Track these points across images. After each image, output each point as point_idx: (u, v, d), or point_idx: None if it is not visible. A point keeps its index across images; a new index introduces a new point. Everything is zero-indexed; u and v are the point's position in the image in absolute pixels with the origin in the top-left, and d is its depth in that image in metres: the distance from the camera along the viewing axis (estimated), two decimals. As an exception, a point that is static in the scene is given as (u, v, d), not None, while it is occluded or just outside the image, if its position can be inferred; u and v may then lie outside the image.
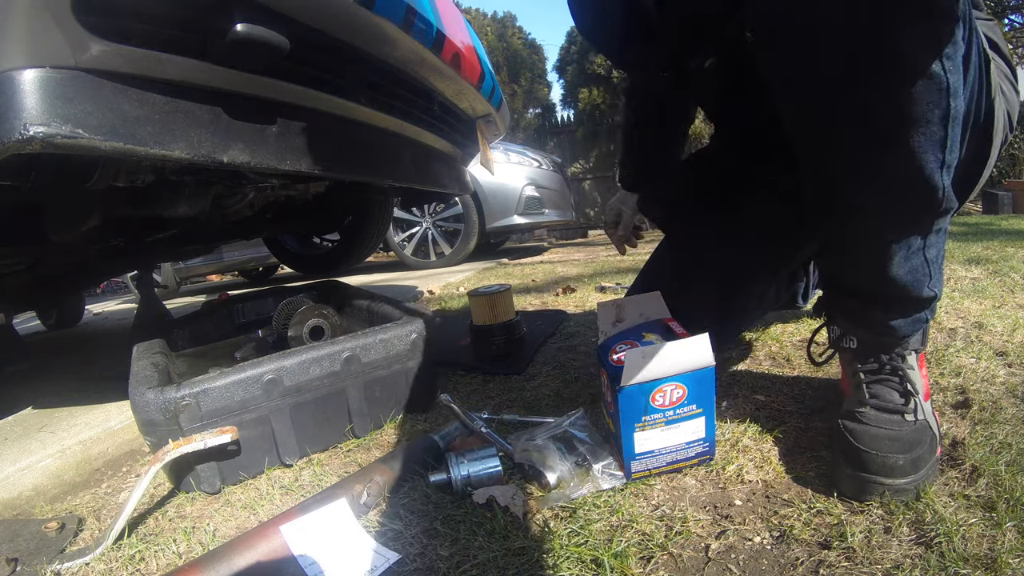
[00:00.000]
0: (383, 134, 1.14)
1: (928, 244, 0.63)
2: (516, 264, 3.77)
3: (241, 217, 1.53)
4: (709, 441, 0.68)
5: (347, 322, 1.21)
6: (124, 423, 1.02)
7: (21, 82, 0.57)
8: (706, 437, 0.68)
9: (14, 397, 1.34)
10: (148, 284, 1.95)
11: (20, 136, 0.57)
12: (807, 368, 1.00)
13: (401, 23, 0.95)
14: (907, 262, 0.63)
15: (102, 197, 1.01)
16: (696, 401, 0.66)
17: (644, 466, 0.67)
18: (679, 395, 0.65)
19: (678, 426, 0.66)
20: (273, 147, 0.85)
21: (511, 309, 1.27)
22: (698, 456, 0.68)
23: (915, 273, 0.64)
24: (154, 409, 0.70)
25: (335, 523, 0.60)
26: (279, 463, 0.80)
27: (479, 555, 0.55)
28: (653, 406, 0.65)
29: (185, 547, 0.64)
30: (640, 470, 0.68)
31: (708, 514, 0.60)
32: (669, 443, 0.67)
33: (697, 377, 0.65)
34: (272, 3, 0.75)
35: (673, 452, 0.67)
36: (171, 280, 4.50)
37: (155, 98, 0.69)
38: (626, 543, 0.55)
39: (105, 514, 0.76)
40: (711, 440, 0.68)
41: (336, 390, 0.84)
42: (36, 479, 0.86)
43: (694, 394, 0.65)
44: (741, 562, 0.52)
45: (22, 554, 0.64)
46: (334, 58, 0.93)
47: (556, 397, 0.97)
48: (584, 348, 1.27)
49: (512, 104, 9.32)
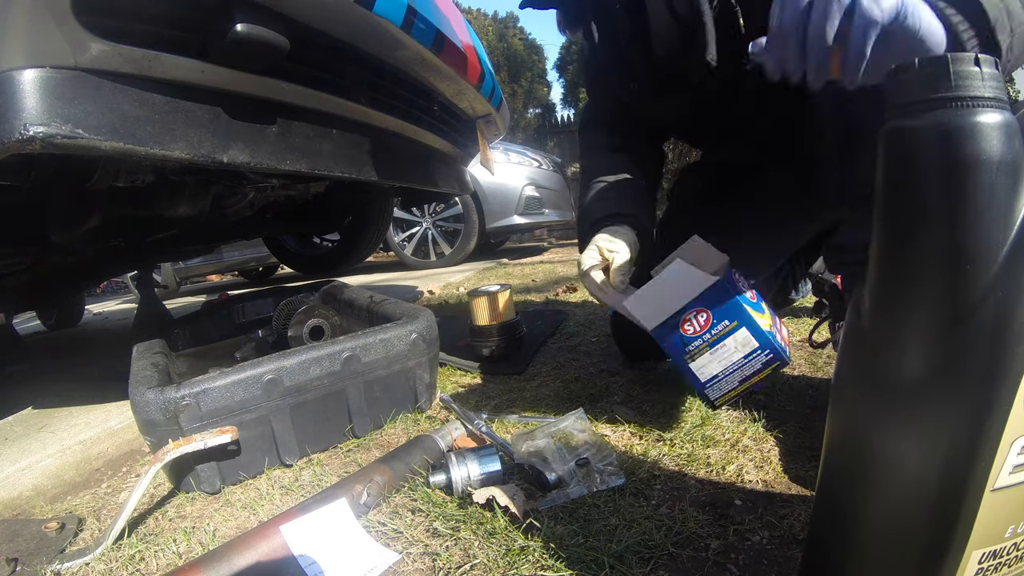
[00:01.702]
0: (383, 134, 1.14)
1: None
2: (516, 264, 3.77)
3: (241, 217, 1.53)
4: (769, 347, 0.66)
5: (347, 322, 1.21)
6: (124, 423, 1.02)
7: (21, 82, 0.57)
8: (761, 345, 0.66)
9: (14, 397, 1.34)
10: (148, 284, 1.95)
11: (20, 136, 0.57)
12: (807, 368, 1.00)
13: (401, 23, 0.95)
14: None
15: (102, 197, 1.02)
16: (724, 317, 0.65)
17: (719, 391, 0.68)
18: (704, 319, 0.66)
19: (723, 344, 0.67)
20: (273, 147, 0.85)
21: (511, 309, 1.27)
22: (768, 365, 0.67)
23: None
24: (154, 409, 0.70)
25: (335, 523, 0.61)
26: (279, 463, 0.80)
27: (479, 555, 0.55)
28: (688, 336, 0.65)
29: (185, 547, 0.64)
30: (719, 395, 0.68)
31: (708, 514, 0.60)
32: (728, 362, 0.67)
33: (708, 297, 0.64)
34: (272, 3, 0.75)
35: (738, 370, 0.68)
36: (171, 280, 4.49)
37: (155, 98, 0.69)
38: (626, 543, 0.55)
39: (105, 514, 0.76)
40: (770, 345, 0.66)
41: (336, 390, 0.84)
42: (36, 479, 0.86)
43: (718, 313, 0.65)
44: (741, 562, 0.52)
45: (22, 554, 0.64)
46: (334, 58, 0.93)
47: (556, 397, 0.97)
48: (584, 348, 1.27)
49: (512, 104, 9.33)
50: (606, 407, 0.89)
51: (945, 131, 0.31)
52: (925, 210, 0.32)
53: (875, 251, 0.35)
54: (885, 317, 0.35)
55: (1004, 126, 0.30)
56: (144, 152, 0.67)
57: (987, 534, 0.33)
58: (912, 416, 0.34)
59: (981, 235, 0.31)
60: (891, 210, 0.34)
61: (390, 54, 1.03)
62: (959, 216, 0.31)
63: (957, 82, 0.31)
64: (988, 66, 0.31)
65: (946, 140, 0.31)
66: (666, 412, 0.85)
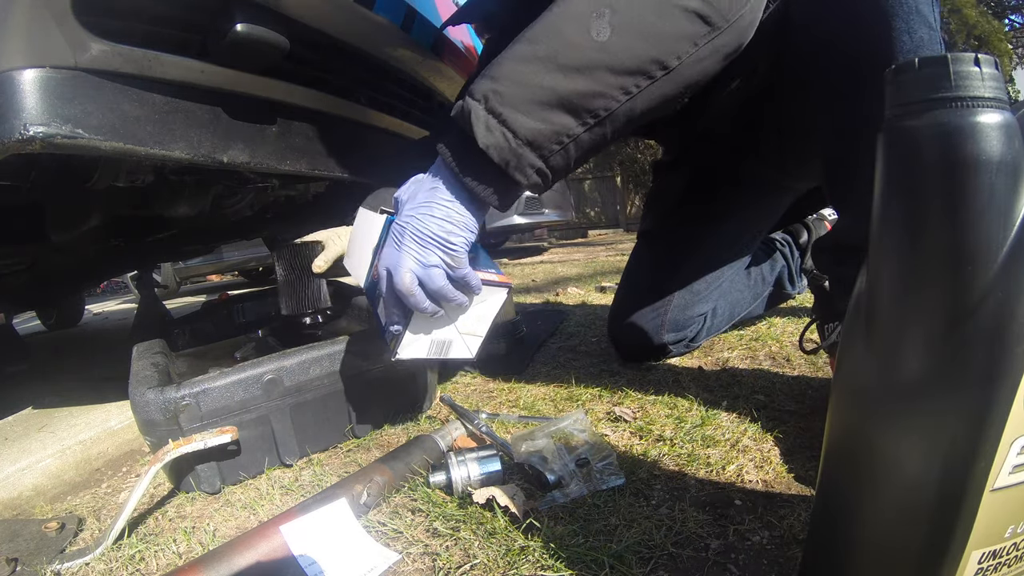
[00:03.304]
0: (383, 134, 1.14)
1: None
2: (516, 264, 3.77)
3: (241, 217, 1.53)
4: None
5: (347, 322, 1.21)
6: (124, 423, 1.03)
7: (21, 82, 0.57)
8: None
9: (14, 397, 1.34)
10: (148, 284, 1.95)
11: (20, 136, 0.57)
12: (807, 368, 1.00)
13: (401, 23, 0.95)
14: None
15: (102, 197, 1.01)
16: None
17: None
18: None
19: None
20: (273, 147, 0.85)
21: (511, 309, 1.27)
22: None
23: None
24: (154, 409, 0.70)
25: (335, 523, 0.61)
26: (279, 463, 0.80)
27: (479, 555, 0.55)
28: (376, 281, 0.63)
29: (185, 547, 0.64)
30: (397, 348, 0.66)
31: (708, 514, 0.60)
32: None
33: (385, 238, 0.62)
34: (272, 3, 0.75)
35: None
36: (171, 280, 4.50)
37: (155, 98, 0.69)
38: (626, 543, 0.55)
39: (105, 514, 0.76)
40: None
41: (336, 390, 0.84)
42: (36, 479, 0.86)
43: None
44: (741, 562, 0.52)
45: (22, 554, 0.64)
46: (334, 58, 0.93)
47: (556, 397, 0.97)
48: (584, 348, 1.27)
49: (512, 104, 9.29)
50: (606, 407, 0.89)
51: (945, 131, 0.31)
52: (924, 210, 0.32)
53: (874, 251, 0.35)
54: (884, 317, 0.35)
55: (1004, 126, 0.30)
56: (144, 152, 0.67)
57: (987, 534, 0.33)
58: (912, 416, 0.34)
59: (981, 235, 0.31)
60: (890, 210, 0.34)
61: (390, 54, 1.03)
62: (959, 216, 0.31)
63: (957, 82, 0.31)
64: (988, 66, 0.31)
65: (946, 140, 0.31)
66: (666, 412, 0.85)
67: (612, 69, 0.55)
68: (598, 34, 0.54)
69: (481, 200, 0.60)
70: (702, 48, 0.56)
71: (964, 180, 0.31)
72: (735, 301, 1.14)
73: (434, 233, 0.59)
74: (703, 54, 0.57)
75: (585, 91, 0.55)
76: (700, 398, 0.88)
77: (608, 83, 0.55)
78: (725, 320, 1.14)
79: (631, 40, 0.55)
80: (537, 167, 0.58)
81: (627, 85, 0.56)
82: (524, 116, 0.55)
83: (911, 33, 0.62)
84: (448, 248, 0.59)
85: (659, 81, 0.56)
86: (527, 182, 0.58)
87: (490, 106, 0.56)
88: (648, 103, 0.58)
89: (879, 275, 0.35)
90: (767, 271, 1.21)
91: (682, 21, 0.55)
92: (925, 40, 0.62)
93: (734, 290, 1.13)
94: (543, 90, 0.55)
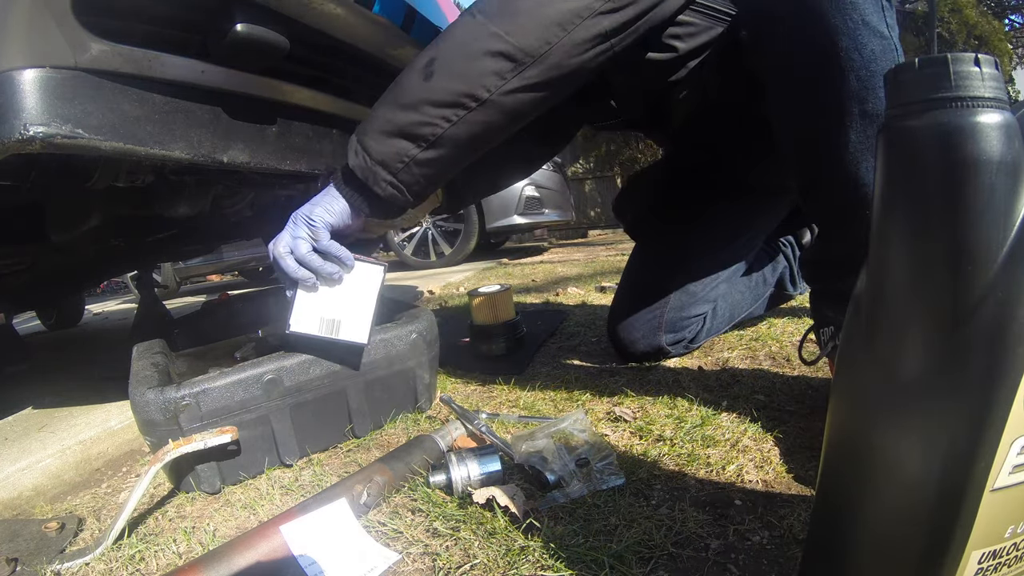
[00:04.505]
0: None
1: None
2: (516, 264, 3.78)
3: (241, 217, 1.53)
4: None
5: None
6: (124, 423, 1.03)
7: (21, 82, 0.57)
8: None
9: (14, 397, 1.34)
10: (148, 284, 1.95)
11: (20, 136, 0.57)
12: (807, 368, 1.00)
13: (402, 23, 0.95)
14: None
15: (102, 197, 1.02)
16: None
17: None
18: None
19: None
20: (273, 147, 0.86)
21: (511, 309, 1.27)
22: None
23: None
24: (154, 409, 0.70)
25: (335, 523, 0.61)
26: (279, 463, 0.80)
27: (479, 555, 0.55)
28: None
29: (185, 547, 0.64)
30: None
31: (708, 514, 0.60)
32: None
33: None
34: (272, 3, 0.75)
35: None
36: (171, 280, 4.50)
37: (155, 98, 0.69)
38: (626, 543, 0.55)
39: (105, 514, 0.76)
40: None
41: (336, 390, 0.84)
42: (36, 479, 0.86)
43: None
44: (741, 562, 0.52)
45: (22, 554, 0.64)
46: (334, 58, 0.93)
47: (556, 397, 0.97)
48: (584, 348, 1.27)
49: (512, 104, 9.29)
50: (606, 407, 0.89)
51: (945, 131, 0.31)
52: (924, 210, 0.32)
53: (875, 251, 0.35)
54: (884, 317, 0.35)
55: (1004, 126, 0.30)
56: (144, 152, 0.67)
57: (987, 534, 0.33)
58: (912, 416, 0.34)
59: (981, 235, 0.31)
60: (890, 210, 0.34)
61: (391, 54, 1.03)
62: (959, 216, 0.31)
63: (957, 82, 0.31)
64: (988, 66, 0.31)
65: (946, 140, 0.31)
66: (666, 412, 0.85)
67: (433, 103, 0.69)
68: (425, 78, 0.69)
69: (354, 206, 0.76)
70: (511, 80, 0.68)
71: (964, 180, 0.31)
72: (735, 302, 1.14)
73: (304, 214, 0.75)
74: (513, 85, 0.68)
75: (415, 121, 0.70)
76: (700, 398, 0.88)
77: (431, 114, 0.69)
78: (725, 321, 1.14)
79: (447, 81, 0.69)
80: (389, 180, 0.73)
81: (447, 115, 0.69)
82: (375, 143, 0.72)
83: (860, 50, 0.61)
84: (310, 223, 0.74)
85: (475, 111, 0.69)
86: (384, 193, 0.74)
87: (359, 136, 0.74)
88: (471, 129, 0.70)
89: (879, 275, 0.35)
90: (769, 273, 1.21)
91: (487, 61, 0.67)
92: (877, 52, 0.62)
93: (734, 291, 1.14)
94: (388, 122, 0.71)
